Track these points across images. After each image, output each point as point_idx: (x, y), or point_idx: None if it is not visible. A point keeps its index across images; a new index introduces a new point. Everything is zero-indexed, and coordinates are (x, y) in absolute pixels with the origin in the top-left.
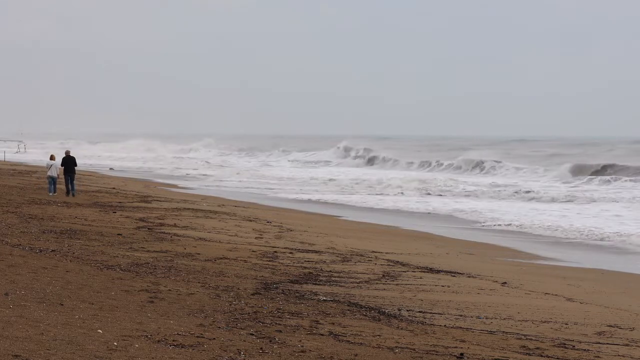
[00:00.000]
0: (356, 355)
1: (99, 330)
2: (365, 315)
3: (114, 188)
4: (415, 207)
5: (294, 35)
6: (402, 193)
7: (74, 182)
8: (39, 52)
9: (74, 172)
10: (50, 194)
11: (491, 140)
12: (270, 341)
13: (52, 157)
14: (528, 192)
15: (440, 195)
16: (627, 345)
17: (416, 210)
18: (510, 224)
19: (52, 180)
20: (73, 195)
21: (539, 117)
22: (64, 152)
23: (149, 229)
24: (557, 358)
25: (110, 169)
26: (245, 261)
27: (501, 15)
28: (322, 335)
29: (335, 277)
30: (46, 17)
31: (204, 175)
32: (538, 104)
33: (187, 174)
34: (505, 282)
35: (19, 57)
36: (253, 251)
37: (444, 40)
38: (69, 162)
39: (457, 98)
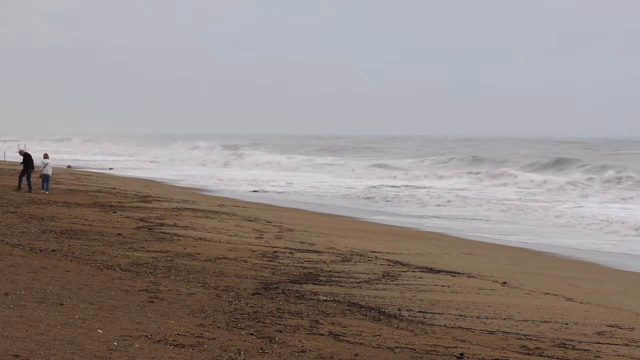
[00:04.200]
0: (356, 355)
1: (99, 330)
2: (365, 315)
3: (114, 188)
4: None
5: (294, 29)
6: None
7: (31, 178)
8: (39, 51)
9: (33, 167)
10: (44, 191)
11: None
12: (270, 341)
13: (45, 156)
14: None
15: None
16: (627, 345)
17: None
18: None
19: (46, 178)
20: (30, 190)
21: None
22: (19, 151)
23: (149, 229)
24: (557, 358)
25: (110, 169)
26: (245, 261)
27: (502, 10)
28: (322, 335)
29: (335, 277)
30: (46, 16)
31: None
32: (536, 101)
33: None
34: (505, 282)
35: (19, 57)
36: (253, 251)
37: (443, 37)
38: (27, 159)
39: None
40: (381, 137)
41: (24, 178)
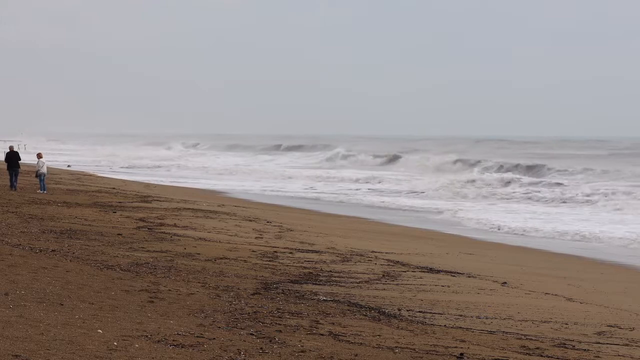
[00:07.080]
0: (356, 355)
1: (99, 330)
2: (365, 315)
3: (114, 188)
4: None
5: (294, 28)
6: None
7: (17, 177)
8: (39, 51)
9: (18, 166)
10: (42, 191)
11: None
12: (270, 341)
13: (39, 155)
14: None
15: None
16: (627, 345)
17: None
18: None
19: (43, 177)
20: (15, 189)
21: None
22: (8, 147)
23: (149, 229)
24: (557, 358)
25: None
26: (245, 261)
27: (502, 10)
28: (322, 335)
29: (335, 277)
30: (46, 16)
31: None
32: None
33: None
34: (505, 282)
35: (19, 57)
36: (253, 251)
37: (443, 36)
38: (12, 158)
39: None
40: (364, 137)
41: (14, 175)
